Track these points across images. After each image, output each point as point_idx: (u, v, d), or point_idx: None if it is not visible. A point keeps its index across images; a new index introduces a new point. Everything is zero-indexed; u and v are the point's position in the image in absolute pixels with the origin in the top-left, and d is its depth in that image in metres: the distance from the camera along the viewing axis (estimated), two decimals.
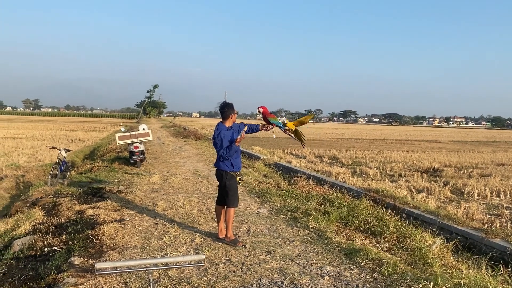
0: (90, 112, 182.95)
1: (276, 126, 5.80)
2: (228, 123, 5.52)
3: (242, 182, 5.86)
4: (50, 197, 8.77)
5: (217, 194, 5.91)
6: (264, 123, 5.85)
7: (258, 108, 5.84)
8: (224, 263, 4.84)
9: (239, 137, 5.44)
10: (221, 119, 5.60)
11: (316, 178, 12.84)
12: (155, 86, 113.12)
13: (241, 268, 4.69)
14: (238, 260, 4.95)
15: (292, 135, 5.98)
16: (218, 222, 5.74)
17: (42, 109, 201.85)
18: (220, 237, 5.67)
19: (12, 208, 8.94)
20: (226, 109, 5.50)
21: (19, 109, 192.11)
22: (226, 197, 5.60)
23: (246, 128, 5.57)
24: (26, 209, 8.10)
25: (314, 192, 9.23)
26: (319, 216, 7.02)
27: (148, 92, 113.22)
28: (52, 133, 36.30)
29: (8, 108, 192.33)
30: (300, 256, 5.19)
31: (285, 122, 5.93)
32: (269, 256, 5.14)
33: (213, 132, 5.61)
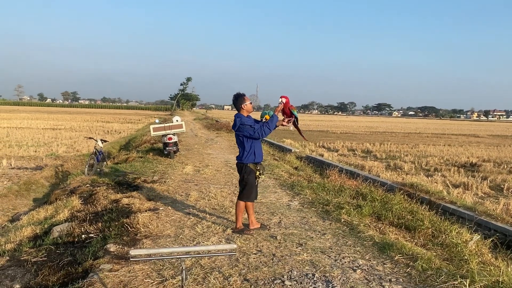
0: (125, 104, 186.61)
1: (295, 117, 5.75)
2: (245, 114, 5.49)
3: (263, 177, 5.69)
4: (87, 186, 9.05)
5: None
6: (284, 116, 5.76)
7: (280, 97, 5.72)
8: (255, 254, 4.85)
9: (280, 107, 5.53)
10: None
11: (348, 171, 12.66)
12: (188, 79, 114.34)
13: (272, 259, 4.70)
14: (269, 251, 4.96)
15: (297, 129, 5.92)
16: (248, 214, 5.75)
17: (80, 101, 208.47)
18: (251, 227, 5.70)
19: (52, 196, 9.29)
20: (236, 101, 5.46)
21: (58, 101, 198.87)
22: (241, 190, 5.59)
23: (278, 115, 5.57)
24: (64, 197, 8.41)
25: (346, 186, 9.11)
26: (352, 209, 6.94)
27: (181, 84, 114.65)
28: (89, 125, 37.42)
29: (48, 100, 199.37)
30: (331, 249, 5.15)
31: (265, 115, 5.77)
32: (300, 248, 5.12)
33: (233, 123, 5.51)
